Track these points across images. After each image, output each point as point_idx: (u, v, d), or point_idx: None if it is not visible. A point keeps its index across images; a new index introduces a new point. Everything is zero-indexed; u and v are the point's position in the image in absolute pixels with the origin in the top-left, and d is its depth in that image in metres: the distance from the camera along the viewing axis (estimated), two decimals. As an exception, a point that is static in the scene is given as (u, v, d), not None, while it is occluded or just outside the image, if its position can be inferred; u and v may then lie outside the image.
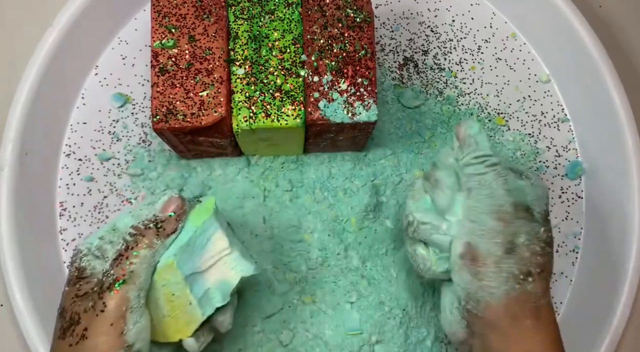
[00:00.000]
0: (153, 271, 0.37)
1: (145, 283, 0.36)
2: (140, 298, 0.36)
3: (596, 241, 0.53)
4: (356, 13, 0.44)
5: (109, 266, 0.36)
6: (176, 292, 0.38)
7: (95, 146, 0.53)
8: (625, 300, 0.48)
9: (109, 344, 0.34)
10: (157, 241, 0.37)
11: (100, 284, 0.35)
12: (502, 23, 0.57)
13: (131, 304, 0.35)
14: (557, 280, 0.53)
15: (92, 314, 0.34)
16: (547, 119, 0.56)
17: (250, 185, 0.52)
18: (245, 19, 0.44)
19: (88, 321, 0.34)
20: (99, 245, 0.37)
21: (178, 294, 0.38)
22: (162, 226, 0.38)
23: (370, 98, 0.43)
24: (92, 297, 0.35)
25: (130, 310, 0.35)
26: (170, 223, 0.38)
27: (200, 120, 0.42)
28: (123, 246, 0.36)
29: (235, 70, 0.43)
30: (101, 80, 0.54)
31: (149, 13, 0.44)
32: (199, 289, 0.39)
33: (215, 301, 0.39)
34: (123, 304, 0.35)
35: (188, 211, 0.40)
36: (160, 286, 0.37)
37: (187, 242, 0.38)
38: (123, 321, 0.34)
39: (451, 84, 0.55)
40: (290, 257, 0.50)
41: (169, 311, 0.38)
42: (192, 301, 0.38)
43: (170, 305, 0.38)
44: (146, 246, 0.36)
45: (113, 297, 0.34)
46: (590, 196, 0.54)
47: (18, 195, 0.48)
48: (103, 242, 0.37)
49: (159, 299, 0.38)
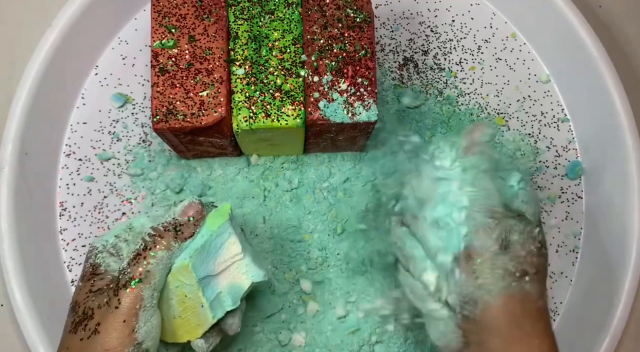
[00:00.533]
0: (168, 272, 0.38)
1: (160, 284, 0.37)
2: (154, 298, 0.36)
3: (596, 241, 0.53)
4: (356, 13, 0.44)
5: (127, 264, 0.36)
6: (189, 293, 0.38)
7: (95, 146, 0.53)
8: (625, 300, 0.48)
9: (120, 340, 0.34)
10: (174, 244, 0.38)
11: (116, 281, 0.36)
12: (502, 23, 0.57)
13: (145, 303, 0.35)
14: (557, 280, 0.53)
15: (106, 310, 0.35)
16: (547, 119, 0.56)
17: (250, 185, 0.52)
18: (245, 19, 0.44)
19: (101, 316, 0.35)
20: (114, 243, 0.38)
21: (191, 296, 0.38)
22: (180, 230, 0.38)
23: (370, 98, 0.43)
24: (107, 294, 0.36)
25: (143, 308, 0.35)
26: (189, 227, 0.39)
27: (200, 121, 0.42)
28: (142, 245, 0.37)
29: (235, 70, 0.43)
30: (101, 80, 0.54)
31: (149, 13, 0.44)
32: (211, 292, 0.39)
33: (226, 305, 0.40)
34: (137, 302, 0.35)
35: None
36: (174, 287, 0.38)
37: (202, 246, 0.39)
38: (135, 319, 0.35)
39: (451, 84, 0.55)
40: (290, 257, 0.50)
41: (180, 312, 0.39)
42: (204, 304, 0.39)
43: (182, 306, 0.38)
44: (164, 247, 0.37)
45: (128, 295, 0.35)
46: (590, 196, 0.54)
47: (18, 195, 0.48)
48: (118, 240, 0.38)
49: (171, 299, 0.38)
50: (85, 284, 0.37)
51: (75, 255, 0.51)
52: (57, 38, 0.50)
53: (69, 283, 0.50)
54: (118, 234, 0.39)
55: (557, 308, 0.52)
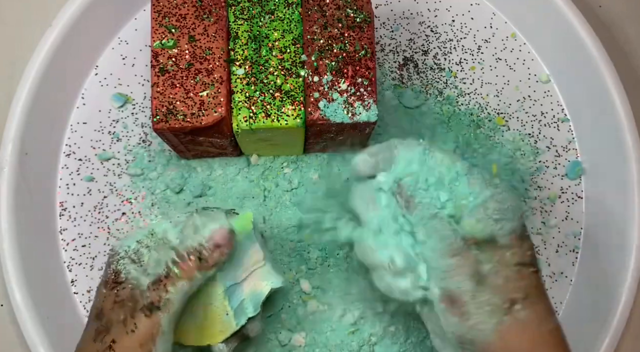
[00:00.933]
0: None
1: (179, 311, 0.36)
2: (171, 324, 0.36)
3: (596, 241, 0.53)
4: (356, 13, 0.44)
5: (146, 288, 0.36)
6: (215, 302, 0.39)
7: (95, 146, 0.53)
8: (625, 300, 0.48)
9: None
10: (198, 275, 0.37)
11: (134, 299, 0.35)
12: (502, 23, 0.57)
13: (162, 329, 0.35)
14: (557, 280, 0.53)
15: (122, 329, 0.35)
16: (547, 119, 0.56)
17: (250, 185, 0.52)
18: (245, 19, 0.44)
19: (117, 334, 0.35)
20: (136, 249, 0.37)
21: (217, 305, 0.39)
22: (205, 259, 0.37)
23: (370, 98, 0.43)
24: (124, 312, 0.35)
25: (160, 334, 0.35)
26: (214, 257, 0.37)
27: (200, 121, 0.42)
28: (164, 271, 0.36)
29: (235, 70, 0.43)
30: (101, 80, 0.54)
31: (149, 13, 0.44)
32: (236, 299, 0.40)
33: (248, 312, 0.40)
34: (154, 328, 0.35)
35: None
36: (200, 295, 0.38)
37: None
38: (152, 344, 0.35)
39: (451, 84, 0.55)
40: (290, 257, 0.50)
41: (204, 318, 0.39)
42: (228, 312, 0.39)
43: (207, 312, 0.39)
44: (186, 278, 0.36)
45: (145, 321, 0.35)
46: (590, 196, 0.54)
47: (18, 195, 0.48)
48: (140, 246, 0.38)
49: (196, 306, 0.39)
50: (110, 293, 0.36)
51: (75, 255, 0.51)
52: (57, 38, 0.50)
53: (69, 283, 0.50)
54: (140, 240, 0.38)
55: (557, 308, 0.52)
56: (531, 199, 0.54)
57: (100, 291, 0.37)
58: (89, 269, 0.51)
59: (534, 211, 0.54)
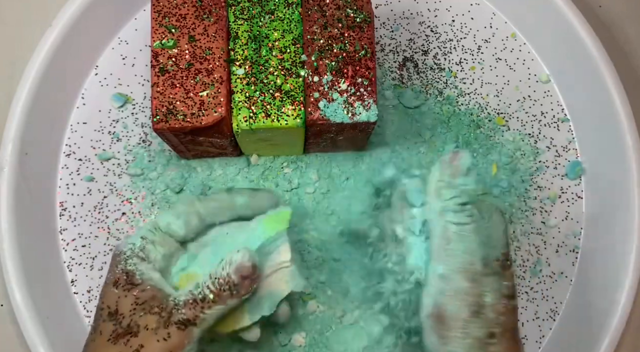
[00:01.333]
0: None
1: (212, 325, 0.37)
2: (202, 334, 0.36)
3: (596, 241, 0.53)
4: (356, 13, 0.44)
5: (182, 303, 0.36)
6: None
7: (95, 146, 0.53)
8: (625, 300, 0.48)
9: None
10: (231, 301, 0.37)
11: (164, 308, 0.35)
12: (502, 23, 0.57)
13: (194, 339, 0.36)
14: (557, 280, 0.53)
15: (152, 336, 0.35)
16: (547, 119, 0.56)
17: (250, 185, 0.52)
18: (245, 19, 0.44)
19: (147, 340, 0.35)
20: (142, 246, 0.38)
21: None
22: (236, 290, 0.37)
23: (370, 98, 0.43)
24: (155, 318, 0.35)
25: (192, 344, 0.36)
26: (244, 287, 0.37)
27: (200, 121, 0.42)
28: (200, 295, 0.36)
29: (235, 70, 0.43)
30: (101, 80, 0.54)
31: (149, 13, 0.44)
32: (254, 295, 0.39)
33: (264, 311, 0.40)
34: (186, 339, 0.35)
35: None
36: None
37: (257, 249, 0.39)
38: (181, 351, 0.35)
39: (451, 84, 0.55)
40: (290, 257, 0.50)
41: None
42: (245, 307, 0.39)
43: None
44: (221, 304, 0.36)
45: (179, 333, 0.35)
46: (590, 196, 0.54)
47: (18, 195, 0.48)
48: (145, 242, 0.38)
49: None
50: (127, 294, 0.36)
51: (75, 255, 0.51)
52: (57, 38, 0.50)
53: (69, 283, 0.50)
54: (144, 236, 0.38)
55: (557, 308, 0.52)
56: (531, 199, 0.54)
57: (109, 291, 0.37)
58: (89, 269, 0.51)
59: (534, 211, 0.54)
